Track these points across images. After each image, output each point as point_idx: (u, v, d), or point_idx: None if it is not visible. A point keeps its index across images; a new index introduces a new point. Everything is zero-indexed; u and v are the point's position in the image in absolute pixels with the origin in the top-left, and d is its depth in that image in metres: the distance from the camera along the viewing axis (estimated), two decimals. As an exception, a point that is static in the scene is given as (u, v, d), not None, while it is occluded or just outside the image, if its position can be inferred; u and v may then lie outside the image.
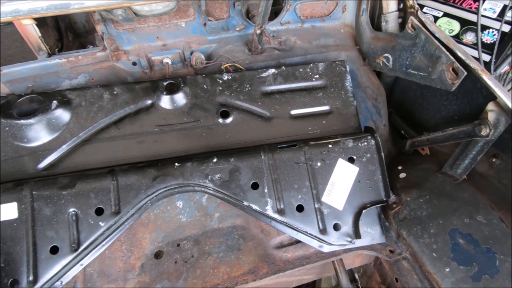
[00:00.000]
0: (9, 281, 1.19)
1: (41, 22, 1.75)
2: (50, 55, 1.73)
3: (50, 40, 1.85)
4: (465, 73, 1.22)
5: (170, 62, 1.80)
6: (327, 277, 2.13)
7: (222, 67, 1.74)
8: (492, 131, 1.18)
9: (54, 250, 1.23)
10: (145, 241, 1.45)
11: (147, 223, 1.47)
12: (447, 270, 1.18)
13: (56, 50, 1.99)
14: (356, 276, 2.06)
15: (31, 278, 1.20)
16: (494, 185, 1.27)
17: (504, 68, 2.91)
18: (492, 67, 2.71)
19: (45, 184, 1.28)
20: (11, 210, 1.24)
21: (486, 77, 1.19)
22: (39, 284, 1.21)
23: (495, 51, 2.67)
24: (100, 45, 1.76)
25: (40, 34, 1.69)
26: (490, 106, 1.19)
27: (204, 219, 1.51)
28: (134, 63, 1.77)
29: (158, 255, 1.43)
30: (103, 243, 1.29)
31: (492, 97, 1.21)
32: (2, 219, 1.22)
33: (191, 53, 1.80)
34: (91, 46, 2.86)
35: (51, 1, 1.09)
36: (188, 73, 1.81)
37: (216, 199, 1.51)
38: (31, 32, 1.67)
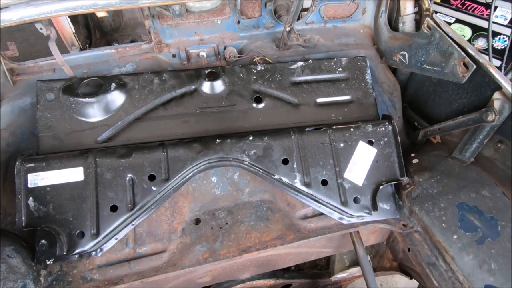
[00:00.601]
0: (76, 233, 1.40)
1: (73, 19, 1.94)
2: (81, 49, 1.94)
3: (81, 37, 2.07)
4: (475, 66, 1.39)
5: (205, 55, 2.01)
6: (340, 258, 2.29)
7: (254, 60, 1.95)
8: (498, 116, 1.35)
9: (114, 209, 1.44)
10: (185, 209, 1.64)
11: (186, 194, 1.66)
12: (455, 237, 1.35)
13: (86, 46, 2.20)
14: (369, 257, 2.21)
15: (94, 231, 1.41)
16: (499, 167, 1.44)
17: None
18: (503, 72, 2.85)
19: (107, 153, 1.49)
20: (78, 173, 1.45)
21: (493, 70, 1.36)
22: (100, 237, 1.41)
23: (505, 57, 2.79)
24: (146, 38, 1.98)
25: (74, 31, 1.91)
26: (496, 95, 1.36)
27: (236, 193, 1.70)
28: (173, 55, 1.98)
29: (196, 221, 1.63)
30: (152, 206, 1.49)
31: (498, 88, 1.38)
32: (71, 180, 1.43)
33: (225, 48, 2.00)
34: (116, 43, 3.09)
35: (124, -3, 1.31)
36: (221, 65, 2.02)
37: (247, 176, 1.70)
38: (66, 29, 1.89)
